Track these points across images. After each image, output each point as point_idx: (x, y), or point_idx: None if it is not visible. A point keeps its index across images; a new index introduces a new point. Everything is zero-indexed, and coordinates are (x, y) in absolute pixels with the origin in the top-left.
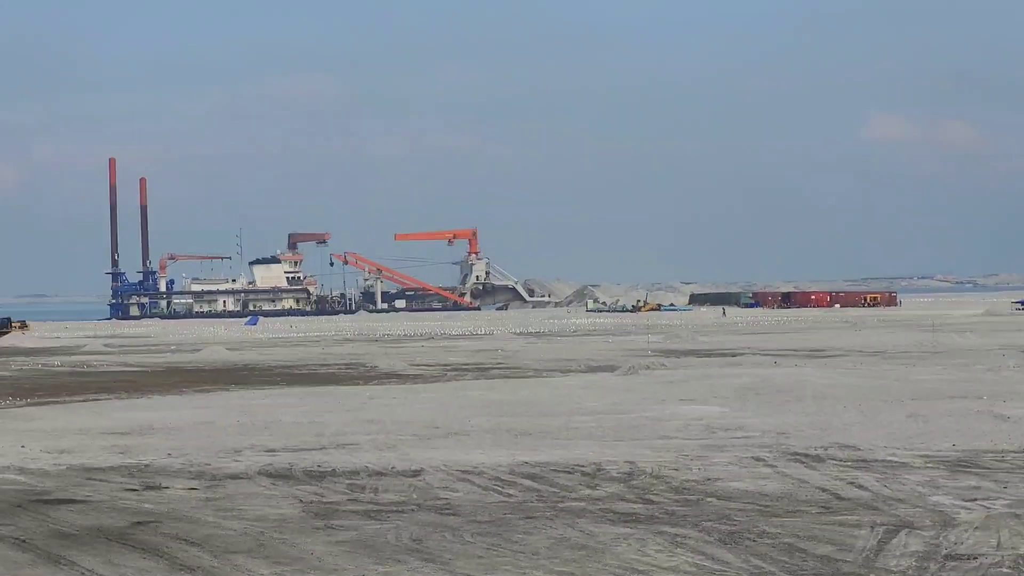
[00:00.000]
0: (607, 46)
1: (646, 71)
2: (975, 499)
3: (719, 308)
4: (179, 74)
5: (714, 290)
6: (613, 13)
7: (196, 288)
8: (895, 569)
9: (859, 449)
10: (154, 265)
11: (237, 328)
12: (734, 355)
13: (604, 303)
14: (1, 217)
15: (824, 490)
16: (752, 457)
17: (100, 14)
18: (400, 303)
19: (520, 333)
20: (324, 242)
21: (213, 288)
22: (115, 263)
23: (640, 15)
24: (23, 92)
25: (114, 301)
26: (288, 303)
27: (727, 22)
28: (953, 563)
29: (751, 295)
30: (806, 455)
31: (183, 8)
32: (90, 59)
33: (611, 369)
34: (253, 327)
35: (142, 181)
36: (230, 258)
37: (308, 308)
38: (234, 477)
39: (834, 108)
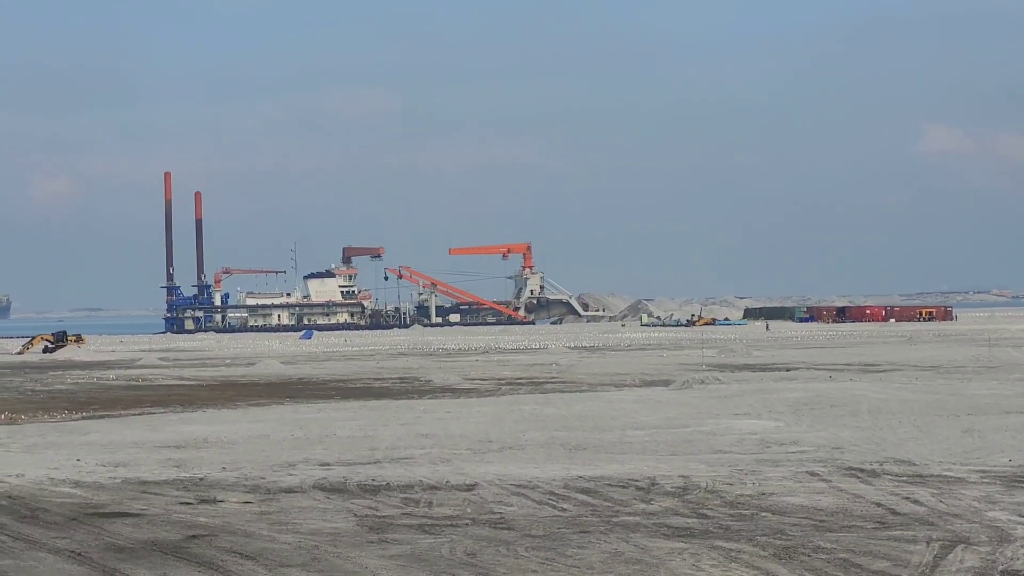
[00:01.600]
0: (660, 61)
1: (700, 85)
2: None
3: (773, 321)
4: (233, 88)
5: (769, 304)
6: (666, 28)
7: (251, 302)
8: None
9: (914, 464)
10: (209, 279)
11: (292, 342)
12: (788, 370)
13: (658, 317)
14: (57, 231)
15: (879, 505)
16: (807, 472)
17: (153, 28)
18: (454, 317)
19: (574, 347)
20: (378, 256)
21: (268, 302)
22: (170, 277)
23: (694, 29)
24: (78, 107)
25: (169, 315)
26: (342, 317)
27: (781, 36)
28: None
29: (805, 309)
30: (861, 470)
31: (236, 22)
32: (144, 73)
33: (665, 383)
34: (307, 341)
35: (197, 195)
36: (284, 272)
37: (362, 322)
38: (288, 491)
39: (889, 121)
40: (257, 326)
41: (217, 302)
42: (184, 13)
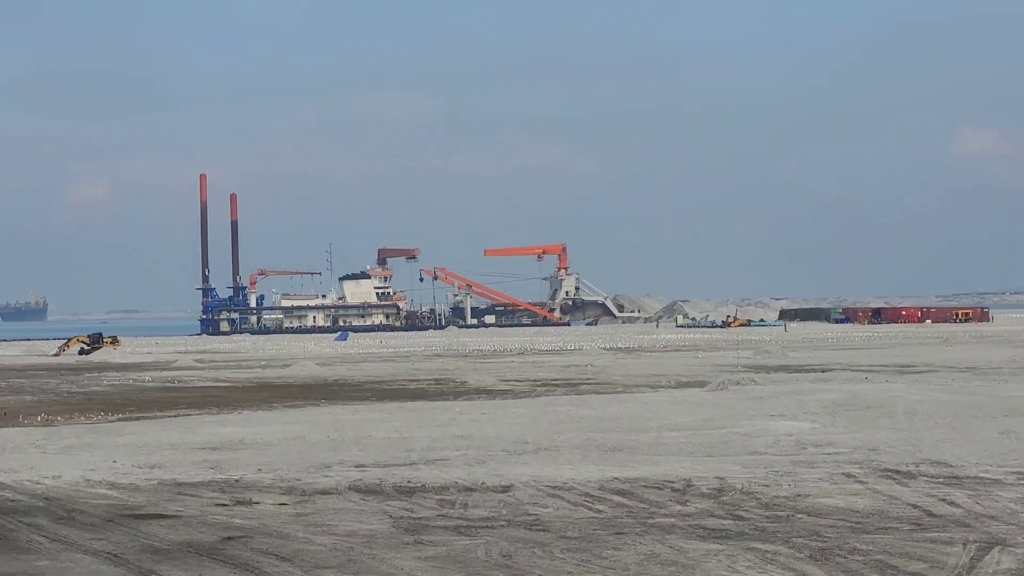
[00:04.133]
0: (696, 63)
1: (736, 87)
2: None
3: (808, 323)
4: (269, 91)
5: (804, 305)
6: (702, 30)
7: (286, 304)
8: None
9: (951, 466)
10: (244, 281)
11: (327, 343)
12: (824, 371)
13: (694, 318)
14: (94, 234)
15: (915, 507)
16: (843, 473)
17: (191, 33)
18: (489, 318)
19: (609, 348)
20: (414, 258)
21: (303, 304)
22: (206, 279)
23: (729, 31)
24: (116, 111)
25: (204, 316)
26: (378, 318)
27: (815, 36)
28: None
29: (841, 311)
30: (897, 471)
31: (272, 25)
32: (182, 78)
33: (701, 385)
34: (343, 342)
35: (233, 197)
36: (320, 274)
37: (398, 323)
38: (324, 492)
39: (923, 123)
40: (292, 328)
41: (252, 304)
42: (222, 18)
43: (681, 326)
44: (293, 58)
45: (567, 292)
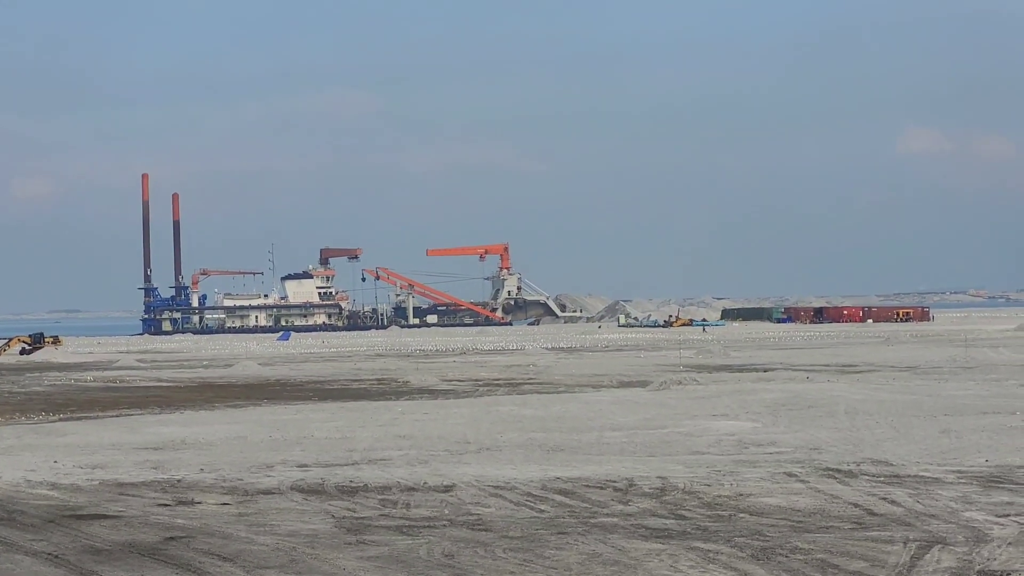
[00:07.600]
0: (636, 62)
1: (678, 87)
2: (1008, 515)
3: (751, 322)
4: (212, 89)
5: (746, 305)
6: (643, 29)
7: (228, 303)
8: None
9: (892, 464)
10: (186, 280)
11: (269, 343)
12: (766, 370)
13: (636, 318)
14: (34, 233)
15: (857, 506)
16: (784, 472)
17: (132, 29)
18: (432, 318)
19: (552, 348)
20: (356, 257)
21: (245, 303)
22: (147, 278)
23: (671, 31)
24: (56, 108)
25: (146, 316)
26: (320, 318)
27: (758, 37)
28: None
29: (783, 310)
30: (838, 470)
31: (216, 23)
32: (122, 74)
33: (643, 384)
34: (285, 342)
35: (175, 196)
36: (262, 273)
37: (340, 323)
38: (266, 492)
39: (866, 122)
40: (235, 327)
41: (194, 303)
42: (163, 14)
43: (623, 326)
44: (236, 55)
45: (509, 292)
